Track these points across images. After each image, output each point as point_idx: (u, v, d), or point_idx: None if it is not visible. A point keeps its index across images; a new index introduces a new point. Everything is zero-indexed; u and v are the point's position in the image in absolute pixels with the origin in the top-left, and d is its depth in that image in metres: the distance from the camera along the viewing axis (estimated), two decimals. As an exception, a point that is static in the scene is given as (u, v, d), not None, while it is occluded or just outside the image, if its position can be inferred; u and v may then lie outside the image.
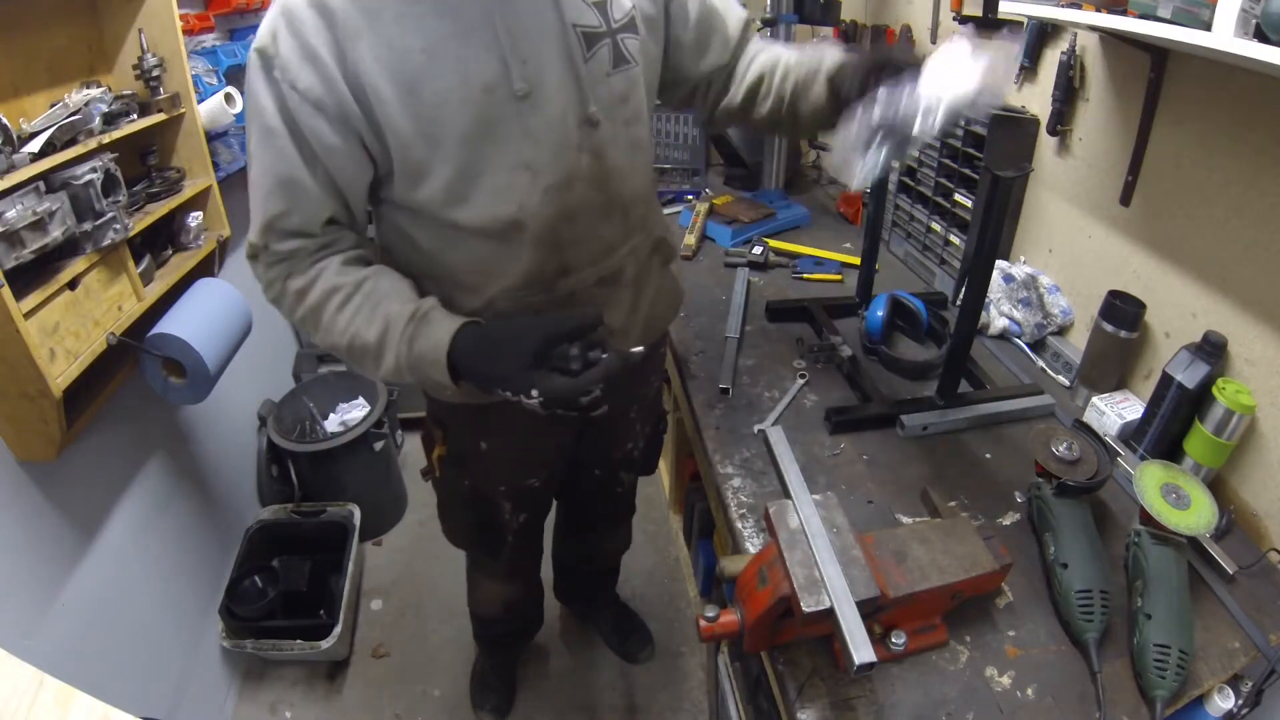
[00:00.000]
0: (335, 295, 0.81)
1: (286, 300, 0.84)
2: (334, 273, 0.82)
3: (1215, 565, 0.93)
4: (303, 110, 0.74)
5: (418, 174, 0.80)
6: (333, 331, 0.82)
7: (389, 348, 0.79)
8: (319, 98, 0.73)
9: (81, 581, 1.26)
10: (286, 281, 0.82)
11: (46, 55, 1.22)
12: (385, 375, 0.82)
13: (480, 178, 0.80)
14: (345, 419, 2.16)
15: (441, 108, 0.76)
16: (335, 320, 0.81)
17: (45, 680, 0.53)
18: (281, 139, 0.76)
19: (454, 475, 1.17)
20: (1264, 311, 0.98)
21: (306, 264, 0.82)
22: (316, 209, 0.80)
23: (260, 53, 0.74)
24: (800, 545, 0.77)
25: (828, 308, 1.48)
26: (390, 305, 0.80)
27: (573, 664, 1.81)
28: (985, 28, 1.56)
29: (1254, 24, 0.72)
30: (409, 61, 0.74)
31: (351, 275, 0.82)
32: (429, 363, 0.78)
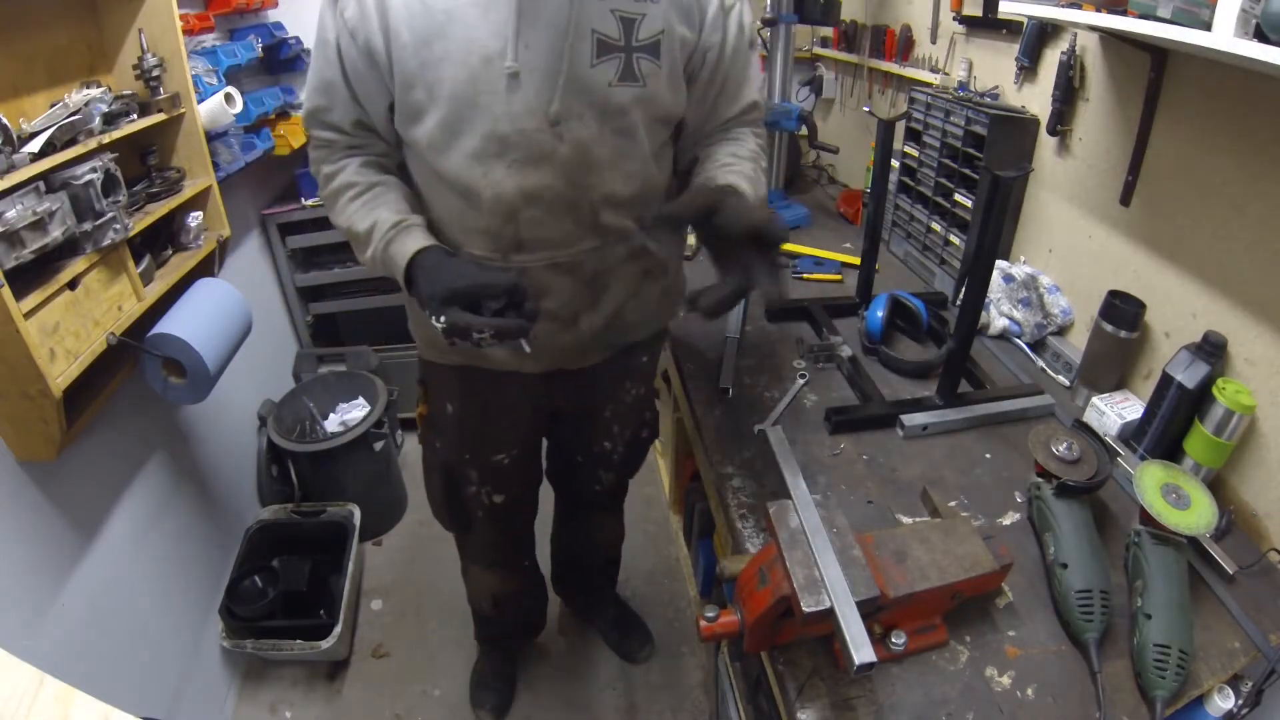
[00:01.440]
0: (348, 189, 0.97)
1: (320, 179, 1.00)
2: (354, 170, 0.98)
3: (1215, 565, 0.93)
4: (344, 34, 0.88)
5: (415, 114, 0.91)
6: (341, 216, 0.98)
7: (371, 242, 0.93)
8: (355, 28, 0.87)
9: (81, 581, 1.26)
10: (321, 166, 0.99)
11: (46, 55, 1.22)
12: (366, 263, 0.96)
13: (460, 135, 0.90)
14: (345, 419, 2.16)
15: (442, 62, 0.86)
16: (346, 208, 0.97)
17: (45, 680, 0.53)
18: (330, 50, 0.91)
19: (430, 437, 1.26)
20: (1264, 311, 0.98)
21: (339, 155, 0.98)
22: (346, 111, 0.95)
23: None
24: (800, 545, 0.77)
25: (828, 308, 1.48)
26: (384, 211, 0.94)
27: (573, 664, 1.81)
28: (985, 28, 1.57)
29: (1254, 24, 0.72)
30: (431, 18, 0.85)
31: (369, 176, 0.97)
32: (394, 266, 0.91)
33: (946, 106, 1.51)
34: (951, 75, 1.70)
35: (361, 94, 0.93)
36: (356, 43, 0.88)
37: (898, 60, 1.94)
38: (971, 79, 1.63)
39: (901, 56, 1.93)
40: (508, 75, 0.85)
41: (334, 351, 2.33)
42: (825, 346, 1.33)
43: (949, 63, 1.73)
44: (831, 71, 2.41)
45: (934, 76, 1.75)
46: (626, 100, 0.90)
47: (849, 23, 2.19)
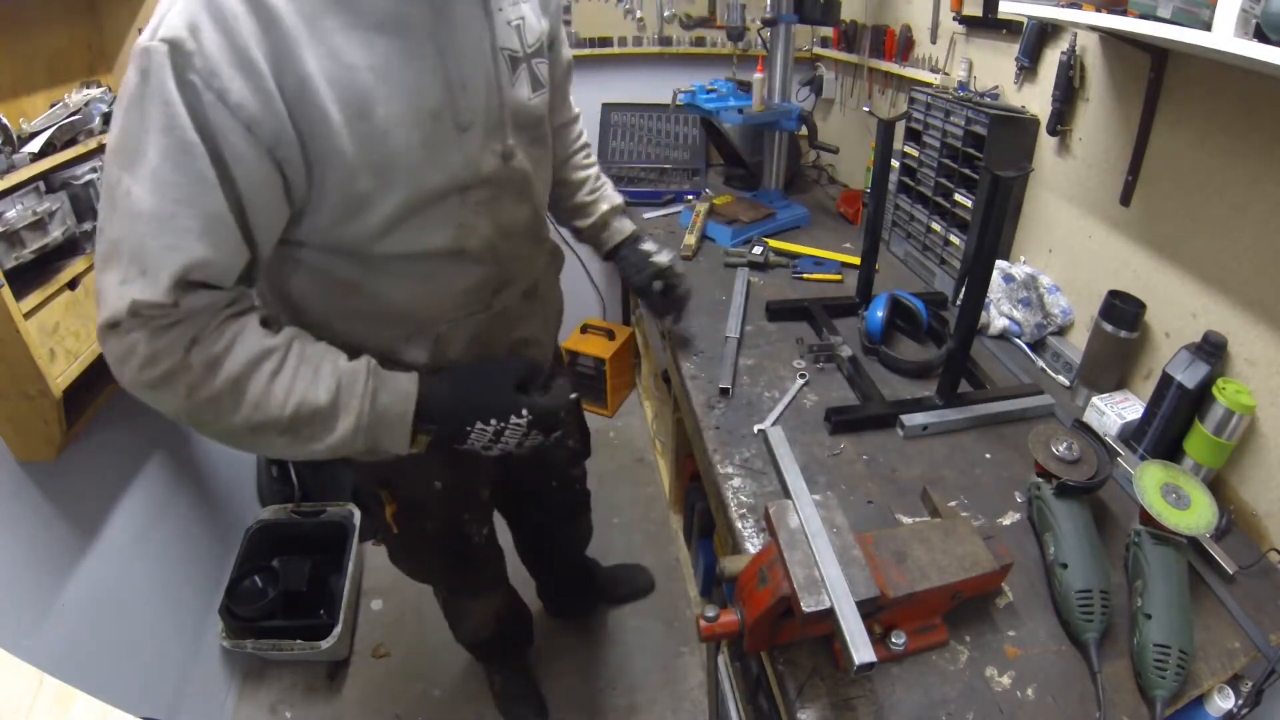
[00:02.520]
0: (266, 361, 0.69)
1: (187, 375, 0.66)
2: (257, 337, 0.69)
3: (1215, 565, 0.93)
4: (230, 127, 0.60)
5: (359, 207, 0.71)
6: (266, 405, 0.69)
7: (346, 408, 0.72)
8: (252, 115, 0.61)
9: (82, 581, 1.26)
10: (190, 351, 0.65)
11: (46, 55, 1.22)
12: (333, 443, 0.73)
13: (426, 205, 0.76)
14: (345, 419, 2.16)
15: (391, 134, 0.69)
16: (270, 389, 0.69)
17: (45, 680, 0.53)
18: (201, 162, 0.60)
19: (413, 525, 1.13)
20: (1264, 311, 0.98)
21: (213, 325, 0.67)
22: (235, 256, 0.66)
23: (173, 46, 0.58)
24: (800, 545, 0.77)
25: (828, 308, 1.48)
26: (335, 361, 0.73)
27: (573, 665, 1.81)
28: (985, 28, 1.57)
29: (1254, 24, 0.72)
30: (357, 80, 0.66)
31: (277, 338, 0.71)
32: (394, 415, 0.74)
33: (946, 106, 1.51)
34: (951, 75, 1.70)
35: (260, 219, 0.66)
36: (257, 138, 0.62)
37: (898, 60, 1.94)
38: (971, 79, 1.63)
39: (901, 56, 1.93)
40: (458, 128, 0.75)
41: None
42: (825, 346, 1.33)
43: (949, 63, 1.73)
44: (831, 71, 2.41)
45: (934, 76, 1.75)
46: (541, 110, 0.88)
47: (849, 23, 2.19)
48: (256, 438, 0.72)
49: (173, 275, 0.62)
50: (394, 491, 1.07)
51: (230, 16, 0.60)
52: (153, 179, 0.60)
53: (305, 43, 0.63)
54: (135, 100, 0.60)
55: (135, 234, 0.62)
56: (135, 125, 0.60)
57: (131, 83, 0.61)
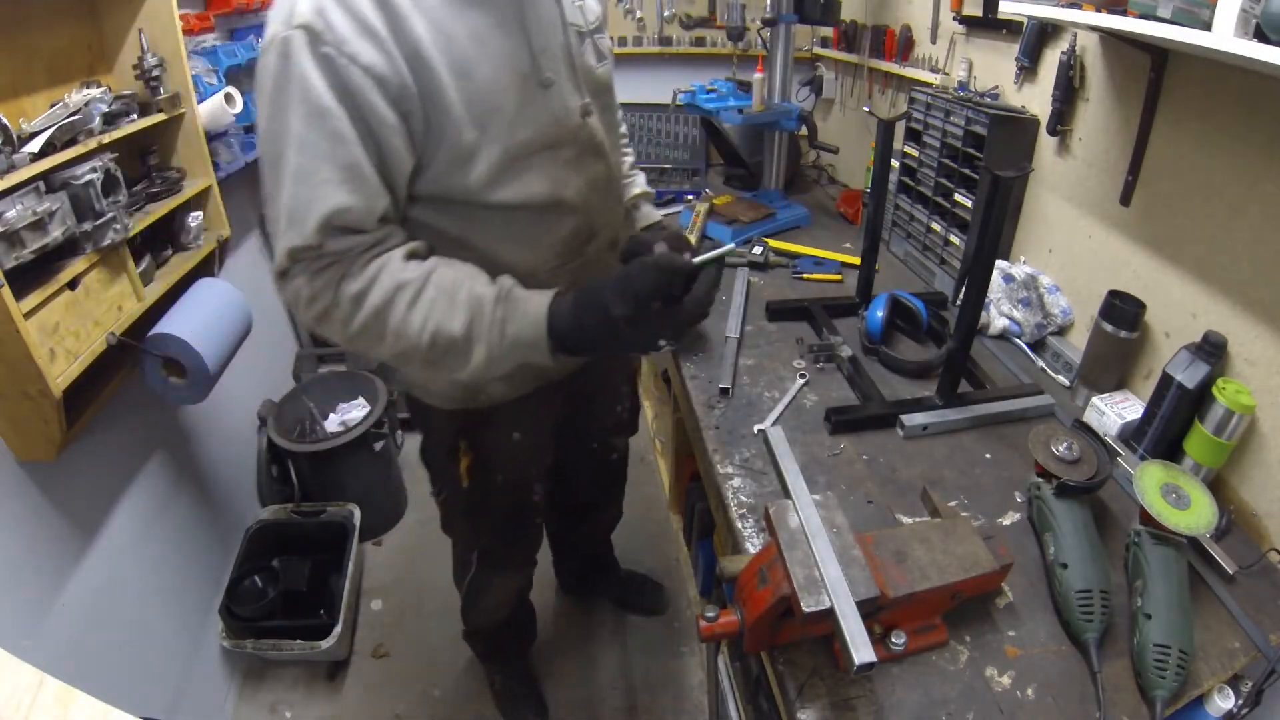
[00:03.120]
0: (404, 292, 0.76)
1: (339, 310, 0.76)
2: (396, 269, 0.76)
3: (1215, 565, 0.93)
4: (365, 86, 0.71)
5: (467, 157, 0.80)
6: (405, 334, 0.76)
7: (478, 338, 0.78)
8: (381, 73, 0.71)
9: (81, 581, 1.26)
10: (340, 287, 0.75)
11: (46, 55, 1.22)
12: (474, 369, 0.79)
13: (521, 158, 0.84)
14: (345, 419, 2.16)
15: (491, 92, 0.79)
16: (408, 319, 0.76)
17: (45, 680, 0.53)
18: (339, 120, 0.71)
19: (484, 478, 1.15)
20: (1264, 311, 0.98)
21: (359, 265, 0.76)
22: (374, 200, 0.75)
23: (306, 29, 0.69)
24: (800, 545, 0.77)
25: (828, 308, 1.48)
26: (472, 288, 0.78)
27: (573, 665, 1.81)
28: (985, 28, 1.57)
29: (1254, 24, 0.72)
30: (458, 46, 0.76)
31: (416, 270, 0.78)
32: (527, 342, 0.79)
33: (946, 106, 1.51)
34: (951, 75, 1.70)
35: (393, 166, 0.76)
36: (386, 92, 0.72)
37: (898, 60, 1.94)
38: (971, 79, 1.63)
39: (901, 56, 1.93)
40: (544, 87, 0.85)
41: (334, 351, 2.33)
42: (825, 346, 1.33)
43: (949, 63, 1.73)
44: (831, 71, 2.41)
45: (934, 76, 1.75)
46: (607, 77, 1.00)
47: (849, 23, 2.19)
48: (406, 364, 0.80)
49: (317, 221, 0.72)
50: (473, 442, 1.10)
51: None
52: (298, 144, 0.71)
53: (413, 15, 0.74)
54: (279, 83, 0.71)
55: (290, 194, 0.73)
56: (282, 103, 0.71)
57: (272, 68, 0.71)
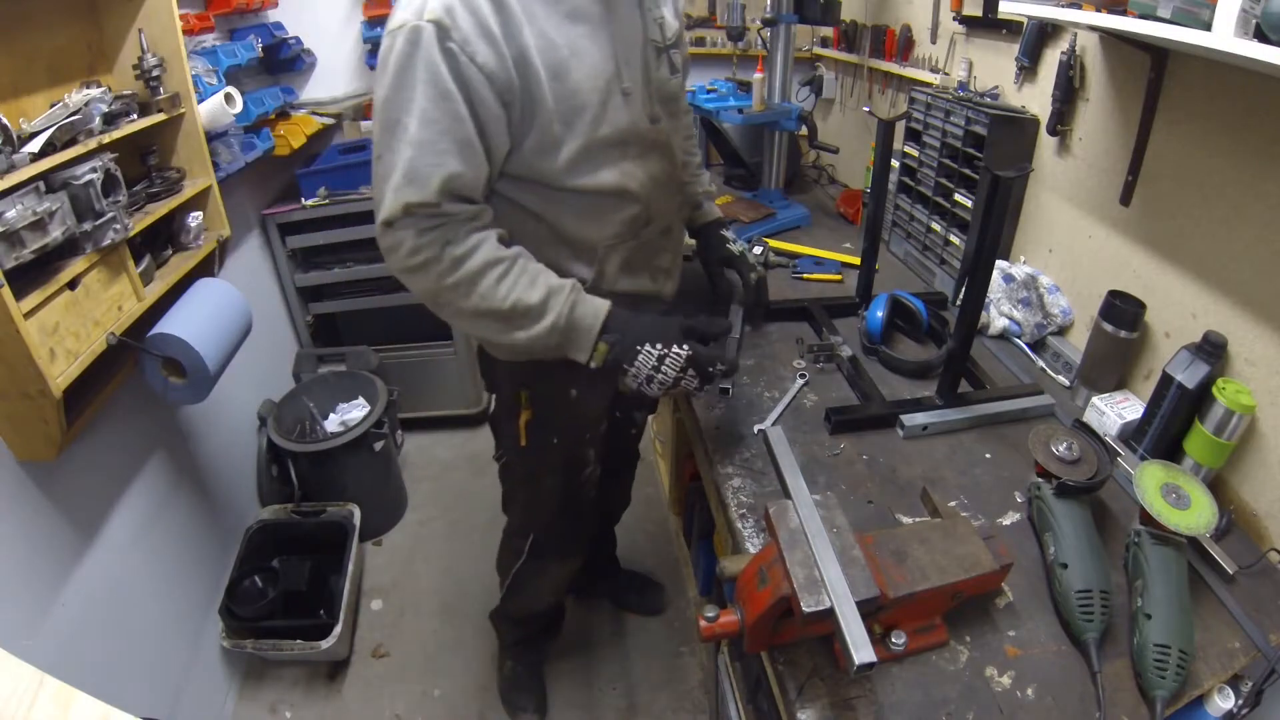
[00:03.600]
0: (496, 266, 0.92)
1: (439, 265, 0.90)
2: (493, 247, 0.93)
3: (1215, 565, 0.93)
4: (478, 81, 0.85)
5: (552, 146, 0.93)
6: (491, 296, 0.92)
7: (551, 309, 0.94)
8: (493, 71, 0.85)
9: (82, 581, 1.26)
10: (444, 249, 0.90)
11: (46, 55, 1.22)
12: (534, 335, 0.94)
13: (597, 152, 0.96)
14: (345, 419, 2.16)
15: (577, 94, 0.92)
16: (496, 287, 0.92)
17: (45, 680, 0.53)
18: (458, 104, 0.85)
19: (542, 439, 1.21)
20: (1264, 311, 0.98)
21: (463, 233, 0.91)
22: (481, 173, 0.91)
23: (436, 24, 0.82)
24: (800, 545, 0.77)
25: (828, 308, 1.48)
26: (549, 278, 0.96)
27: (573, 664, 1.81)
28: (985, 28, 1.57)
29: (1254, 24, 0.72)
30: (557, 53, 0.90)
31: (508, 251, 0.94)
32: (584, 327, 0.95)
33: (946, 106, 1.51)
34: (951, 75, 1.70)
35: (494, 149, 0.91)
36: (495, 88, 0.86)
37: (898, 60, 1.94)
38: (971, 79, 1.63)
39: (901, 56, 1.93)
40: (624, 94, 0.97)
41: (334, 351, 2.33)
42: (825, 346, 1.33)
43: (949, 63, 1.73)
44: (831, 71, 2.41)
45: (934, 76, 1.75)
46: (677, 89, 1.13)
47: (849, 23, 2.19)
48: (478, 319, 0.95)
49: (439, 183, 0.86)
50: (533, 394, 1.18)
51: (475, 4, 0.84)
52: (422, 117, 0.85)
53: (524, 23, 0.87)
54: (406, 63, 0.84)
55: (408, 156, 0.86)
56: (408, 80, 0.84)
57: (399, 50, 0.84)
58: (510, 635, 1.68)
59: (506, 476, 1.36)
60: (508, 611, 1.60)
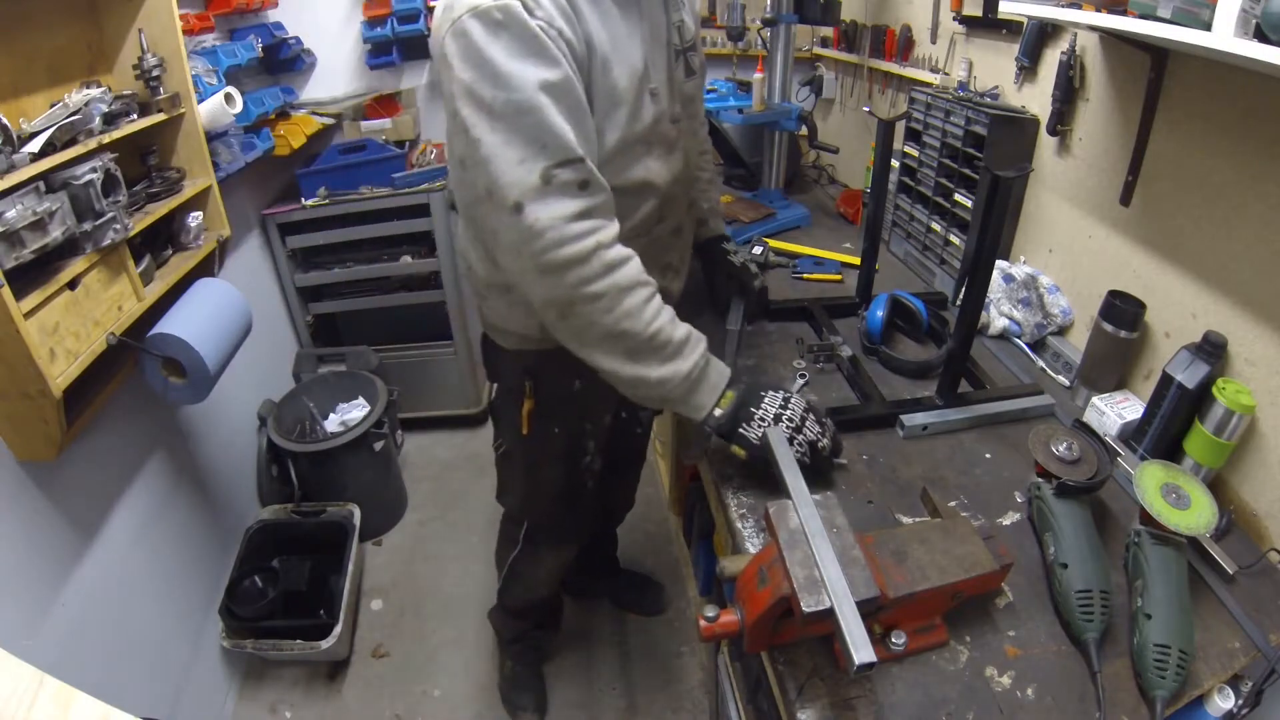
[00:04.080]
0: (646, 287, 0.90)
1: (588, 268, 0.84)
2: (639, 265, 0.90)
3: (1215, 565, 0.93)
4: (566, 54, 0.84)
5: (597, 138, 0.93)
6: (638, 317, 0.88)
7: (688, 355, 0.93)
8: (575, 48, 0.86)
9: (82, 581, 1.26)
10: (598, 250, 0.84)
11: (46, 55, 1.22)
12: (666, 373, 0.91)
13: (627, 148, 0.97)
14: (345, 419, 2.16)
15: (616, 90, 0.93)
16: (644, 309, 0.88)
17: (45, 680, 0.53)
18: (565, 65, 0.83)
19: (544, 428, 1.21)
20: (1264, 311, 0.98)
21: (615, 236, 0.87)
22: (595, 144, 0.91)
23: (523, 3, 0.81)
24: (800, 545, 0.77)
25: (828, 308, 1.48)
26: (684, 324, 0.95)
27: (572, 665, 1.81)
28: (985, 28, 1.57)
29: (1254, 24, 0.72)
30: (604, 46, 0.91)
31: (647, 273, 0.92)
32: (713, 381, 0.96)
33: (946, 106, 1.51)
34: (951, 75, 1.70)
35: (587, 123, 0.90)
36: (575, 61, 0.87)
37: (898, 60, 1.94)
38: (971, 79, 1.63)
39: (901, 56, 1.93)
40: (652, 93, 0.99)
41: (334, 351, 2.33)
42: (825, 346, 1.33)
43: (949, 63, 1.73)
44: (831, 71, 2.41)
45: (934, 76, 1.75)
46: (695, 91, 1.16)
47: (849, 23, 2.19)
48: (605, 342, 0.89)
49: (573, 138, 0.82)
50: (537, 384, 1.17)
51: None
52: (534, 82, 0.80)
53: (586, 12, 0.89)
54: (492, 40, 0.80)
55: (526, 124, 0.81)
56: (499, 55, 0.80)
57: (480, 30, 0.80)
58: (509, 632, 1.69)
59: (505, 464, 1.36)
60: (505, 604, 1.61)
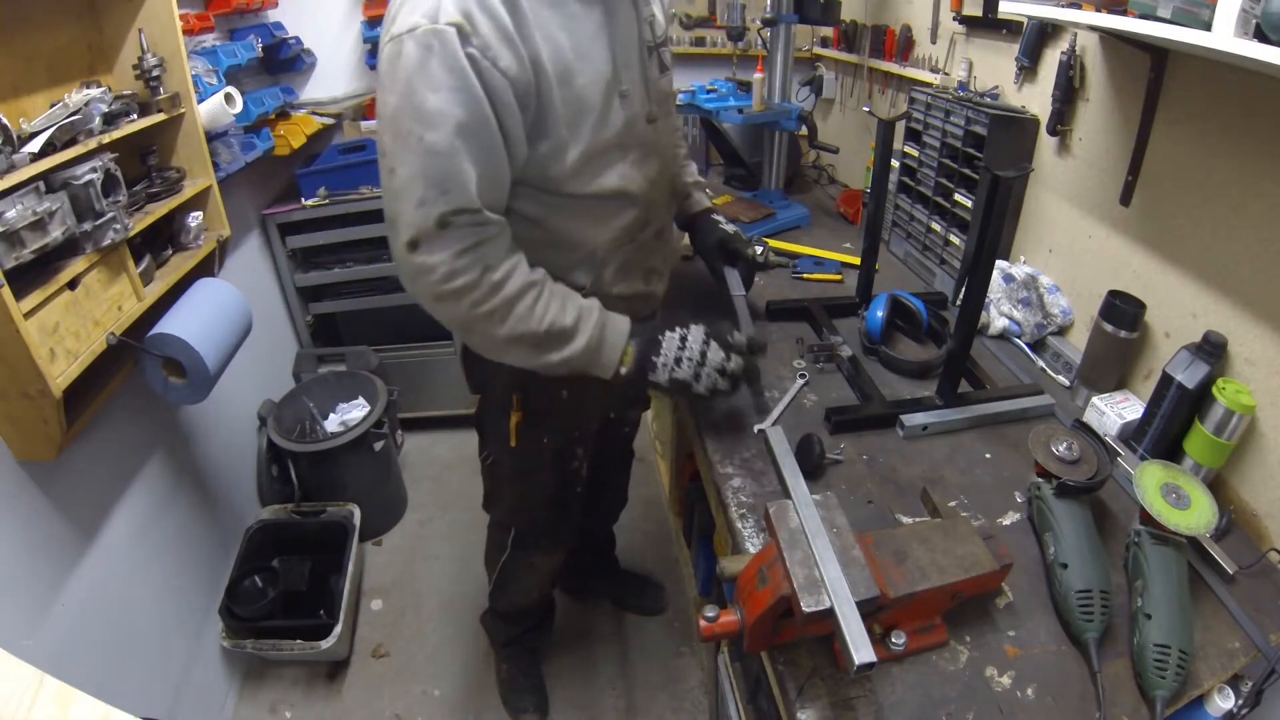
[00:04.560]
0: (532, 289, 0.92)
1: (477, 292, 0.87)
2: (526, 269, 0.93)
3: (1215, 565, 0.93)
4: (501, 86, 0.81)
5: (557, 152, 0.91)
6: (529, 319, 0.92)
7: (583, 330, 0.95)
8: (515, 76, 0.82)
9: (81, 581, 1.26)
10: (485, 273, 0.87)
11: (46, 55, 1.22)
12: (566, 356, 0.95)
13: (598, 156, 0.95)
14: (345, 419, 2.16)
15: (583, 98, 0.90)
16: (534, 309, 0.92)
17: (45, 680, 0.53)
18: (486, 108, 0.81)
19: (533, 438, 1.21)
20: (1264, 311, 0.98)
21: (501, 253, 0.89)
22: (507, 183, 0.89)
23: (457, 28, 0.78)
24: (800, 545, 0.77)
25: (828, 308, 1.48)
26: (574, 298, 0.97)
27: (572, 665, 1.81)
28: (985, 28, 1.57)
29: (1254, 24, 0.72)
30: (563, 55, 0.87)
31: (538, 273, 0.95)
32: (611, 342, 0.98)
33: (946, 106, 1.51)
34: (951, 75, 1.70)
35: (516, 157, 0.88)
36: (517, 93, 0.83)
37: (898, 60, 1.94)
38: (971, 79, 1.63)
39: (901, 56, 1.93)
40: (622, 95, 0.96)
41: (334, 351, 2.33)
42: (825, 346, 1.33)
43: (949, 63, 1.73)
44: (831, 71, 2.41)
45: (934, 76, 1.75)
46: (669, 87, 1.11)
47: (849, 23, 2.19)
48: (510, 345, 0.94)
49: (474, 187, 0.82)
50: (525, 397, 1.17)
51: (492, 6, 0.80)
52: (450, 123, 0.80)
53: (535, 24, 0.84)
54: (422, 68, 0.78)
55: (433, 165, 0.81)
56: (425, 85, 0.79)
57: (413, 56, 0.79)
58: (501, 635, 1.69)
59: (492, 474, 1.35)
60: (497, 609, 1.61)
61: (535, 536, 1.41)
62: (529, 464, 1.25)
